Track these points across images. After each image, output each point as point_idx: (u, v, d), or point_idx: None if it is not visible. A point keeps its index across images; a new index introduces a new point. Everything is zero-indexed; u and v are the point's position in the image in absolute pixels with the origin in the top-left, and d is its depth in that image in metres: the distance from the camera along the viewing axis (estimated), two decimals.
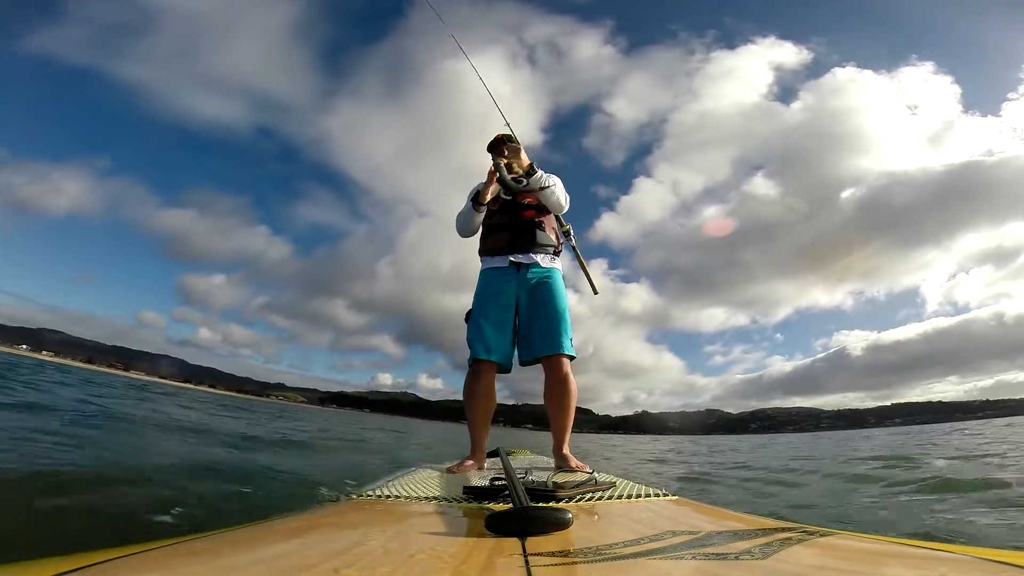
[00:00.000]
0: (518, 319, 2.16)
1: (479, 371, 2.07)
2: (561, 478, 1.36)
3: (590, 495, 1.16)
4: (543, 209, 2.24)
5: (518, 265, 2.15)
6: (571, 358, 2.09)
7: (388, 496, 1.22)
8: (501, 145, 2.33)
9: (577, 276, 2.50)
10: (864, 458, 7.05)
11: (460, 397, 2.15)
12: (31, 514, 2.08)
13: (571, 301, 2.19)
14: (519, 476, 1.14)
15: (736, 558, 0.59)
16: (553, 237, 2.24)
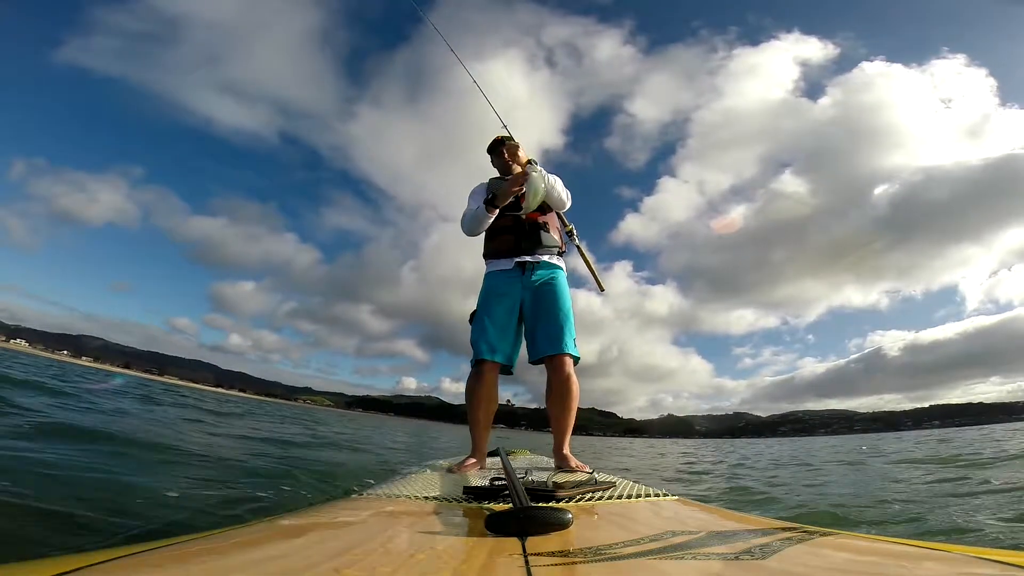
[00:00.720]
0: (523, 321, 2.16)
1: (482, 371, 2.07)
2: (561, 478, 1.36)
3: (590, 495, 1.16)
4: (546, 209, 2.25)
5: (523, 267, 2.15)
6: (575, 359, 2.09)
7: (388, 495, 1.23)
8: (500, 146, 2.34)
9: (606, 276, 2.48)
10: None
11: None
12: (34, 514, 2.09)
13: (594, 304, 2.18)
14: (519, 476, 1.14)
15: (736, 558, 0.59)
16: (557, 237, 2.25)
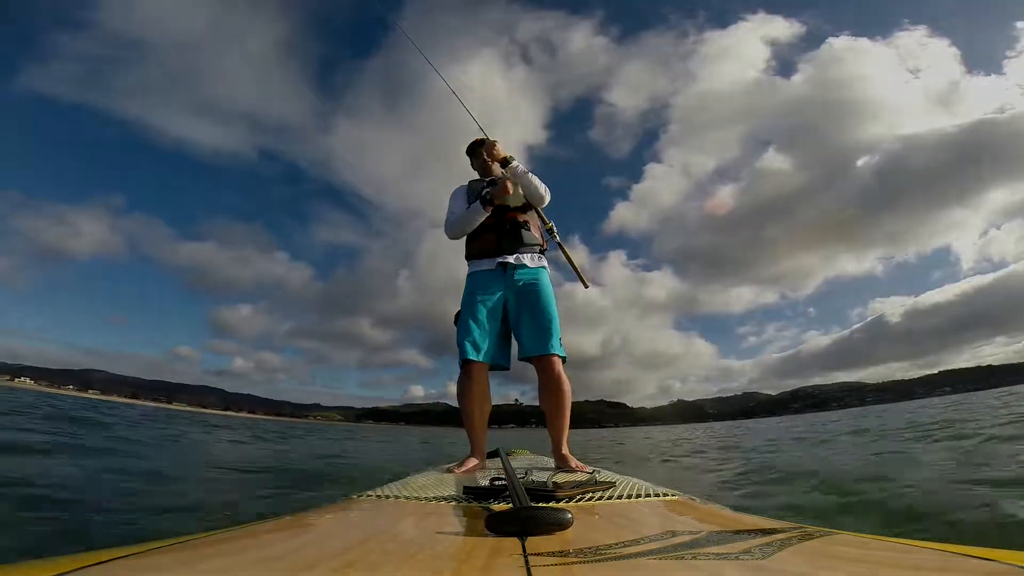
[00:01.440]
0: (508, 320, 2.17)
1: (470, 372, 2.08)
2: (561, 478, 1.36)
3: (590, 495, 1.16)
4: (527, 207, 2.27)
5: (505, 266, 2.17)
6: (563, 359, 2.10)
7: (388, 496, 1.23)
8: (479, 147, 2.40)
9: (598, 273, 2.48)
10: None
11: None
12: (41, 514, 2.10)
13: (593, 296, 2.20)
14: (519, 476, 1.14)
15: (736, 558, 0.59)
16: (538, 235, 2.27)
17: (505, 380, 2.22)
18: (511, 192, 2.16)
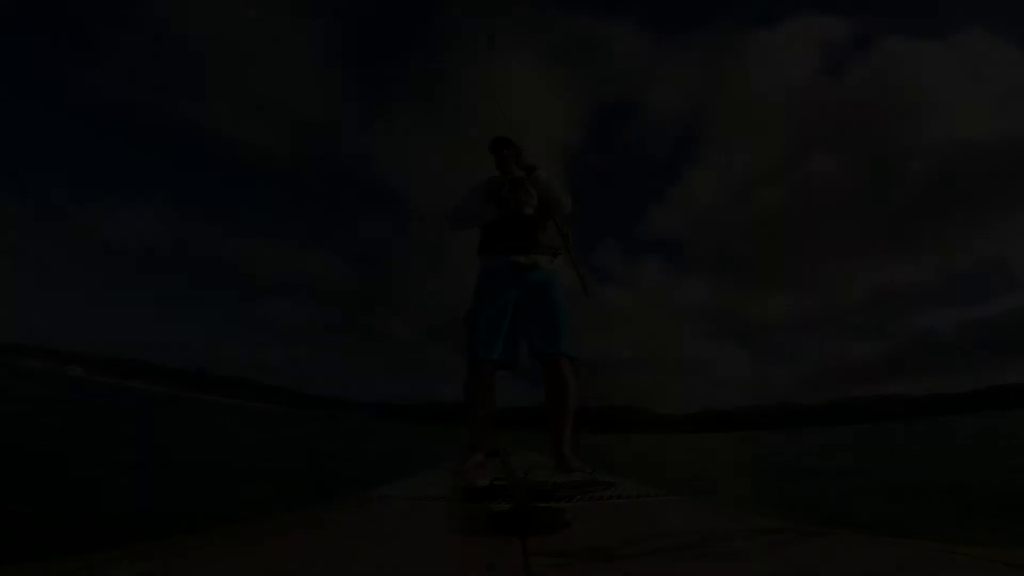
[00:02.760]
0: (518, 319, 2.16)
1: (479, 371, 2.07)
2: (561, 478, 1.36)
3: (590, 495, 1.16)
4: (543, 210, 2.25)
5: (518, 265, 2.16)
6: (571, 359, 2.09)
7: (388, 496, 1.22)
8: (502, 146, 2.36)
9: (631, 276, 2.41)
10: None
11: (517, 404, 2.12)
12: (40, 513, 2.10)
13: (626, 299, 2.15)
14: (519, 476, 1.14)
15: (736, 558, 0.59)
16: (553, 238, 2.25)
17: (537, 382, 2.20)
18: (529, 207, 2.16)
